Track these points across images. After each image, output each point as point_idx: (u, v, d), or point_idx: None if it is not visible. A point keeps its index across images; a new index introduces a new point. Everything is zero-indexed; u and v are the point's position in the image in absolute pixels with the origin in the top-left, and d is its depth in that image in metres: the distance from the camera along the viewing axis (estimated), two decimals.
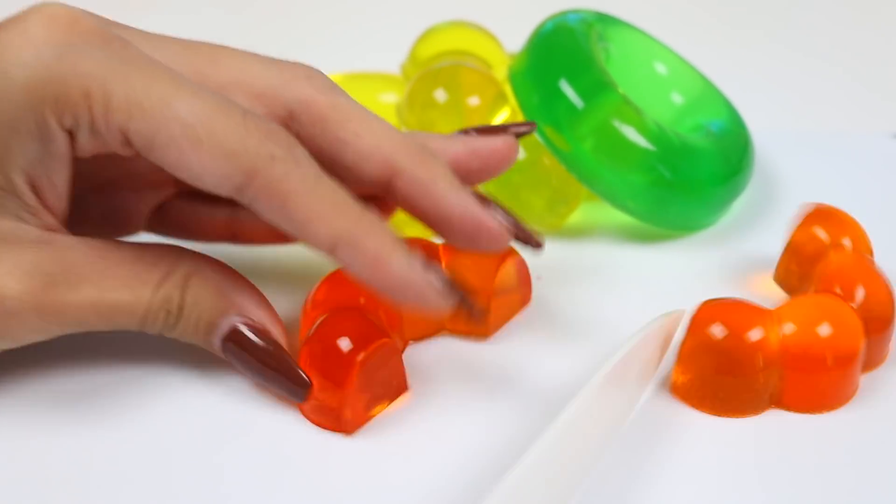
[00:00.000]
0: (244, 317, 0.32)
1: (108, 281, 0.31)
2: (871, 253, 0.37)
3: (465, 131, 0.35)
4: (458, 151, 0.34)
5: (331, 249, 0.29)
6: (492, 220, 0.31)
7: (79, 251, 0.31)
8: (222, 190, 0.29)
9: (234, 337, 0.32)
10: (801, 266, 0.37)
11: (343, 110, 0.32)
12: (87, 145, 0.30)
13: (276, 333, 0.33)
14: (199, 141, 0.28)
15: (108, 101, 0.29)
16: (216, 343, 0.32)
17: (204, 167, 0.29)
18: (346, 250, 0.29)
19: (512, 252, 0.36)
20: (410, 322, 0.35)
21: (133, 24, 0.33)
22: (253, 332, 0.32)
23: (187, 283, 0.32)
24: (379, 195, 0.33)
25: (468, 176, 0.34)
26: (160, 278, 0.31)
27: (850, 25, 0.66)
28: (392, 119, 0.44)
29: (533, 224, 0.41)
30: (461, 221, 0.31)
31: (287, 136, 0.30)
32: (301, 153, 0.30)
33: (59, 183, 0.31)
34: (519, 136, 0.35)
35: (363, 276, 0.29)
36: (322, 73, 0.33)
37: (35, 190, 0.31)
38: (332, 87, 0.33)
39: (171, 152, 0.29)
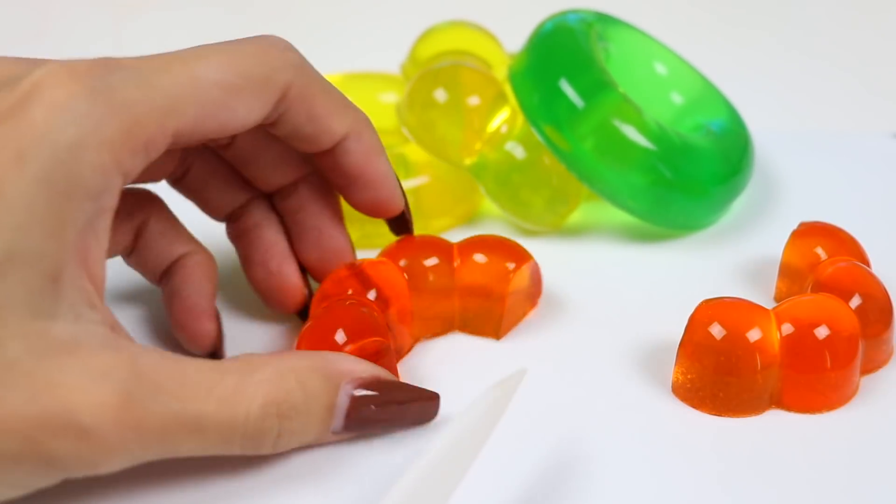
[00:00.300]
0: (354, 380, 0.30)
1: (191, 390, 0.27)
2: (868, 265, 0.37)
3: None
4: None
5: (340, 140, 0.33)
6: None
7: (151, 357, 0.27)
8: (266, 118, 0.31)
9: (359, 405, 0.30)
10: (801, 287, 0.37)
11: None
12: (132, 176, 0.28)
13: (384, 373, 0.31)
14: (239, 87, 0.30)
15: (158, 114, 0.28)
16: (339, 425, 0.30)
17: (250, 107, 0.30)
18: (351, 140, 0.33)
19: (528, 257, 0.36)
20: (421, 319, 0.35)
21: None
22: (371, 390, 0.30)
23: (283, 377, 0.29)
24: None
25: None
26: (252, 389, 0.28)
27: (850, 25, 0.66)
28: (392, 119, 0.44)
29: (533, 223, 0.42)
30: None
31: (287, 42, 0.32)
32: (303, 55, 0.32)
33: (102, 246, 0.28)
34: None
35: (358, 165, 0.33)
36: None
37: (85, 267, 0.27)
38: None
39: (221, 114, 0.30)
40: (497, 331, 0.36)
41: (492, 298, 0.35)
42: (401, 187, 0.35)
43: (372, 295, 0.34)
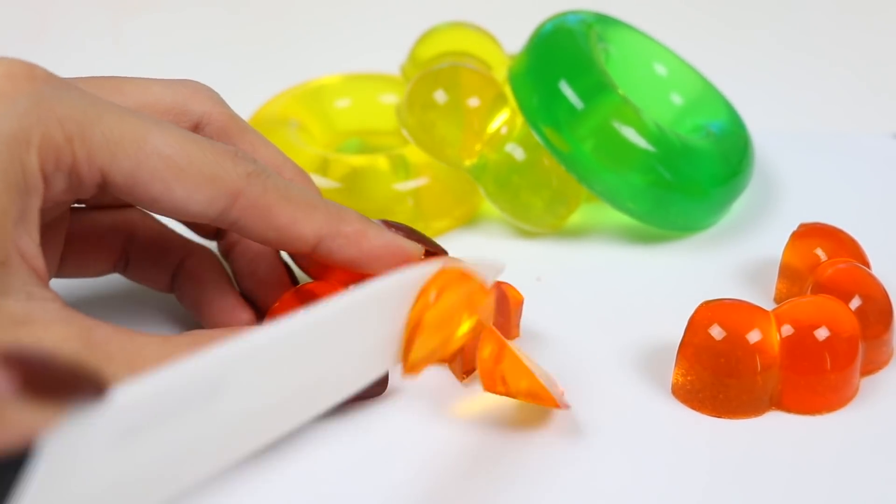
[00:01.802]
0: None
1: (143, 362, 0.28)
2: (868, 267, 0.37)
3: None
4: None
5: (316, 244, 0.31)
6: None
7: (103, 329, 0.28)
8: (206, 216, 0.30)
9: None
10: (801, 289, 0.37)
11: (239, 122, 0.34)
12: (57, 192, 0.29)
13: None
14: (181, 170, 0.29)
15: (90, 142, 0.29)
16: None
17: (189, 195, 0.30)
18: (329, 240, 0.32)
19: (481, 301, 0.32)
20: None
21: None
22: None
23: None
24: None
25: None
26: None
27: (851, 25, 0.66)
28: (391, 120, 0.44)
29: (533, 225, 0.42)
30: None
31: (247, 157, 0.31)
32: (263, 164, 0.31)
33: (35, 240, 0.29)
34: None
35: (350, 255, 0.32)
36: (212, 89, 0.34)
37: (25, 260, 0.28)
38: (223, 101, 0.34)
39: (155, 186, 0.29)
40: (461, 374, 0.34)
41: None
42: (411, 232, 0.34)
43: None
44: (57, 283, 0.35)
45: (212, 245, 0.37)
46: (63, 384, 0.21)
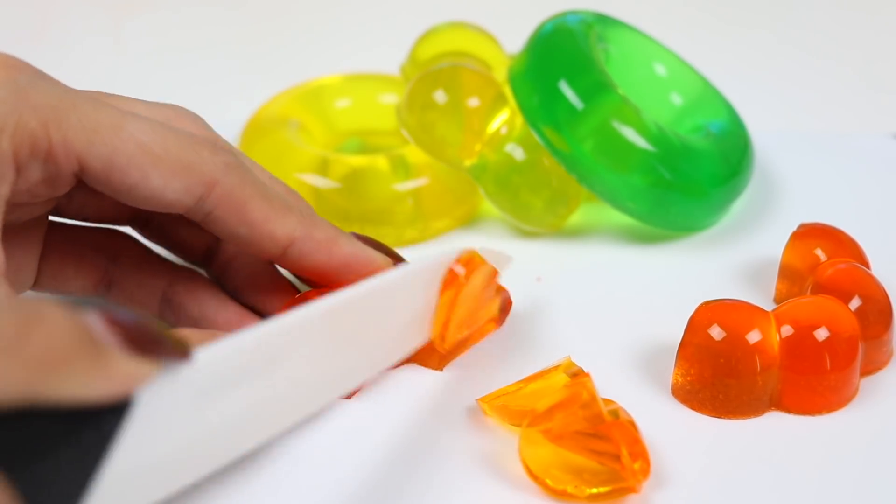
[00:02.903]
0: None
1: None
2: (868, 267, 0.37)
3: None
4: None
5: (287, 245, 0.31)
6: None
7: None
8: (182, 204, 0.30)
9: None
10: (801, 289, 0.37)
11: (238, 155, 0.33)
12: (32, 181, 0.29)
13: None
14: (158, 157, 0.29)
15: (66, 129, 0.29)
16: None
17: (165, 183, 0.30)
18: (300, 243, 0.32)
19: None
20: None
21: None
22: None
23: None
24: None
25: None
26: None
27: (850, 25, 0.66)
28: (391, 120, 0.44)
29: (533, 225, 0.42)
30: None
31: (228, 145, 0.31)
32: (245, 158, 0.32)
33: None
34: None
35: (319, 261, 0.32)
36: (196, 115, 0.34)
37: None
38: (208, 125, 0.33)
39: (132, 173, 0.29)
40: (439, 364, 0.35)
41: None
42: (379, 245, 0.34)
43: None
44: None
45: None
46: (156, 344, 0.24)
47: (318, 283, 0.34)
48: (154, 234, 0.36)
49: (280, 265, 0.33)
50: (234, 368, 0.26)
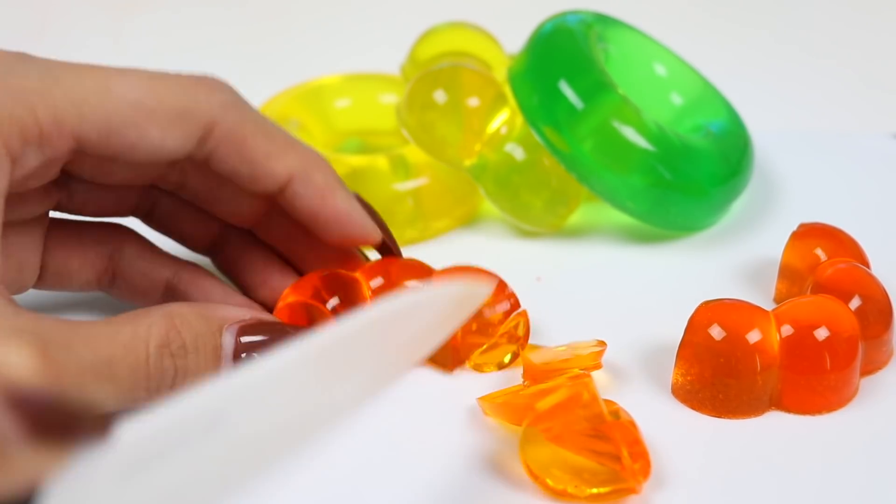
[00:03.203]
0: (238, 324, 0.30)
1: (97, 340, 0.28)
2: (868, 266, 0.37)
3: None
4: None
5: (286, 182, 0.31)
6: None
7: (50, 321, 0.27)
8: (184, 150, 0.30)
9: (246, 349, 0.30)
10: (801, 288, 0.37)
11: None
12: (30, 168, 0.29)
13: (266, 316, 0.32)
14: (153, 111, 0.29)
15: (54, 106, 0.28)
16: (228, 363, 0.30)
17: (165, 134, 0.29)
18: (298, 183, 0.31)
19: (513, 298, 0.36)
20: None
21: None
22: (256, 332, 0.31)
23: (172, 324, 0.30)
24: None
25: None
26: (145, 331, 0.29)
27: (850, 25, 0.66)
28: (391, 120, 0.44)
29: (533, 225, 0.42)
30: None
31: (222, 81, 0.31)
32: (241, 95, 0.31)
33: None
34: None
35: (312, 207, 0.32)
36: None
37: None
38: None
39: (130, 132, 0.29)
40: (452, 367, 0.35)
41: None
42: (376, 216, 0.34)
43: (334, 302, 0.33)
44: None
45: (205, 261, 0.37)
46: (68, 425, 0.21)
47: (308, 233, 0.33)
48: (159, 224, 0.36)
49: (280, 204, 0.33)
50: (167, 438, 0.22)
